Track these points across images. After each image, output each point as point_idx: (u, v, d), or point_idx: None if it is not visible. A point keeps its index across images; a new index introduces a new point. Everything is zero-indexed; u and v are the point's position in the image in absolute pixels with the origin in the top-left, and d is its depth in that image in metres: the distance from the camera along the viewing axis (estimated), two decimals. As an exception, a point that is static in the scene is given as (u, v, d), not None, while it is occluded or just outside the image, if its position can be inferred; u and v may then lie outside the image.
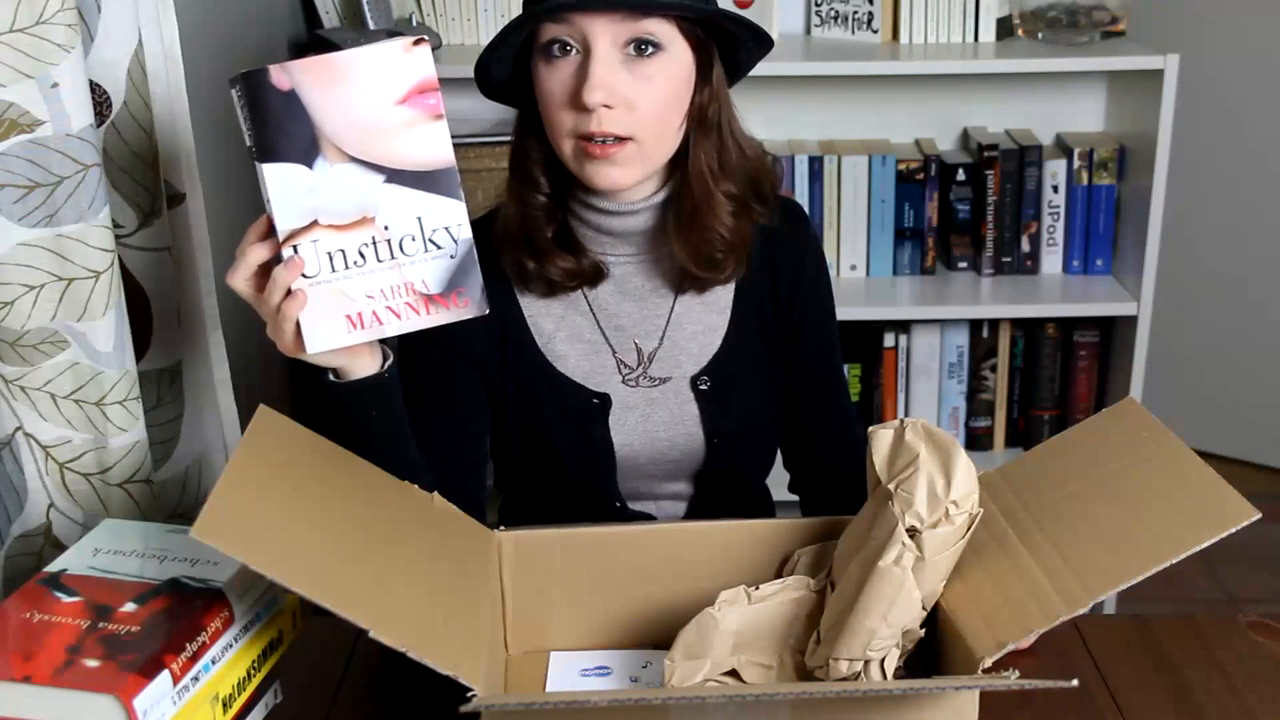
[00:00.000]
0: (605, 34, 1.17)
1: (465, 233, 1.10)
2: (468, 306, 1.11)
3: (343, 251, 1.08)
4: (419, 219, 1.09)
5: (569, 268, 1.30)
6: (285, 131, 1.05)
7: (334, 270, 1.08)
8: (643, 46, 1.18)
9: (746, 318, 1.37)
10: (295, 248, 1.07)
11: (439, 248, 1.10)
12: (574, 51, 1.19)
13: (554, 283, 1.31)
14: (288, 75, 1.05)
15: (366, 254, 1.09)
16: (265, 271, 1.08)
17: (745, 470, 1.43)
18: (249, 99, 1.05)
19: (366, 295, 1.09)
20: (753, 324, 1.37)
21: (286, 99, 1.05)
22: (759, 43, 1.26)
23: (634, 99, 1.19)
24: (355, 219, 1.08)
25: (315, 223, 1.07)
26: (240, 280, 1.09)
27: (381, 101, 1.07)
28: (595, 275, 1.32)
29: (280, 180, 1.06)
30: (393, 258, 1.09)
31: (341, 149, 1.07)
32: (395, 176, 1.08)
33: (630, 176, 1.23)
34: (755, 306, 1.37)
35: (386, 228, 1.08)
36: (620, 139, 1.20)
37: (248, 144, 1.06)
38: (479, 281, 1.11)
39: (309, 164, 1.06)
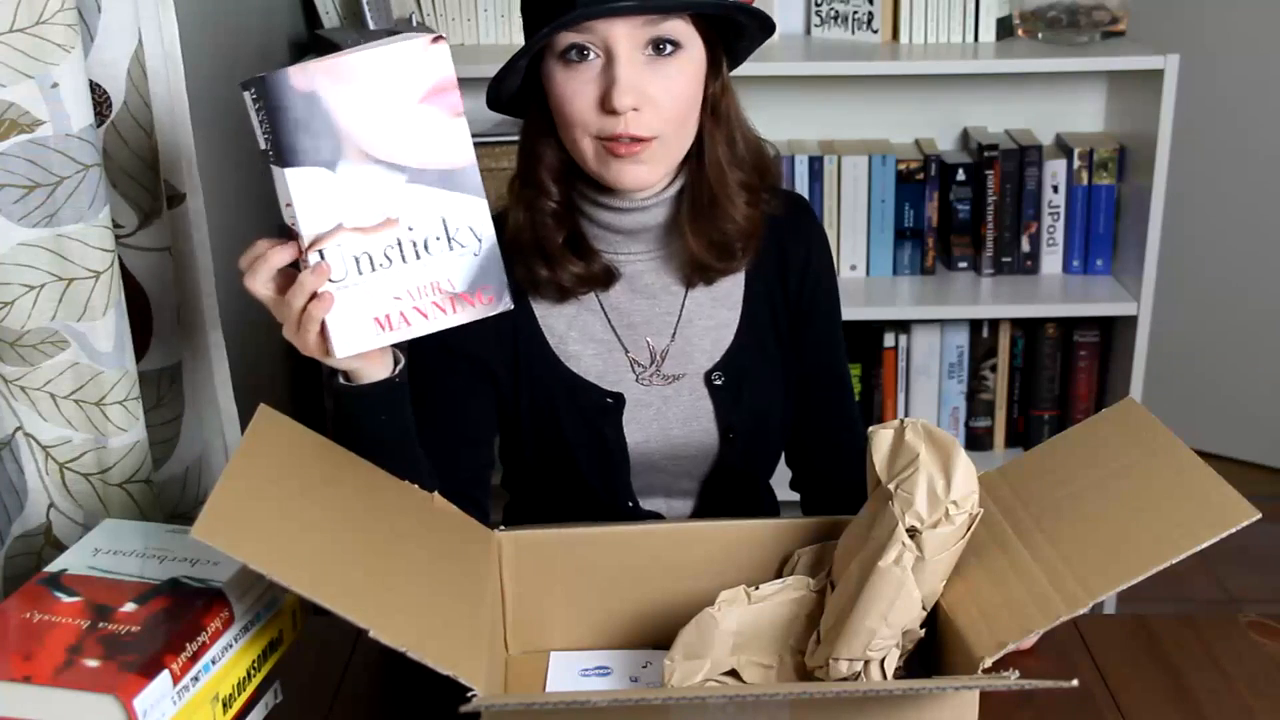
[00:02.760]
0: (626, 37, 1.18)
1: (488, 230, 1.10)
2: (493, 303, 1.11)
3: (368, 254, 1.08)
4: (443, 218, 1.09)
5: (580, 273, 1.30)
6: (307, 135, 1.04)
7: (360, 273, 1.08)
8: (662, 46, 1.19)
9: (757, 312, 1.37)
10: (321, 252, 1.06)
11: (463, 246, 1.09)
12: (593, 55, 1.19)
13: (565, 289, 1.31)
14: (307, 77, 1.03)
15: (392, 255, 1.08)
16: (284, 274, 1.08)
17: (756, 466, 1.43)
18: (266, 102, 1.03)
19: (394, 297, 1.09)
20: (764, 318, 1.37)
21: (307, 101, 1.03)
22: (763, 29, 1.26)
23: (659, 98, 1.20)
24: (379, 221, 1.07)
25: (340, 226, 1.06)
26: (260, 284, 1.08)
27: (402, 101, 1.06)
28: (607, 278, 1.32)
29: (304, 184, 1.05)
30: (418, 258, 1.09)
31: (364, 150, 1.06)
32: (417, 176, 1.07)
33: (654, 174, 1.25)
34: (765, 300, 1.37)
35: (411, 228, 1.08)
36: (645, 139, 1.20)
37: (263, 148, 1.05)
38: (503, 277, 1.11)
39: (332, 167, 1.05)
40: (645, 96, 1.19)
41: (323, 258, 1.06)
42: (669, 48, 1.20)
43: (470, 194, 1.09)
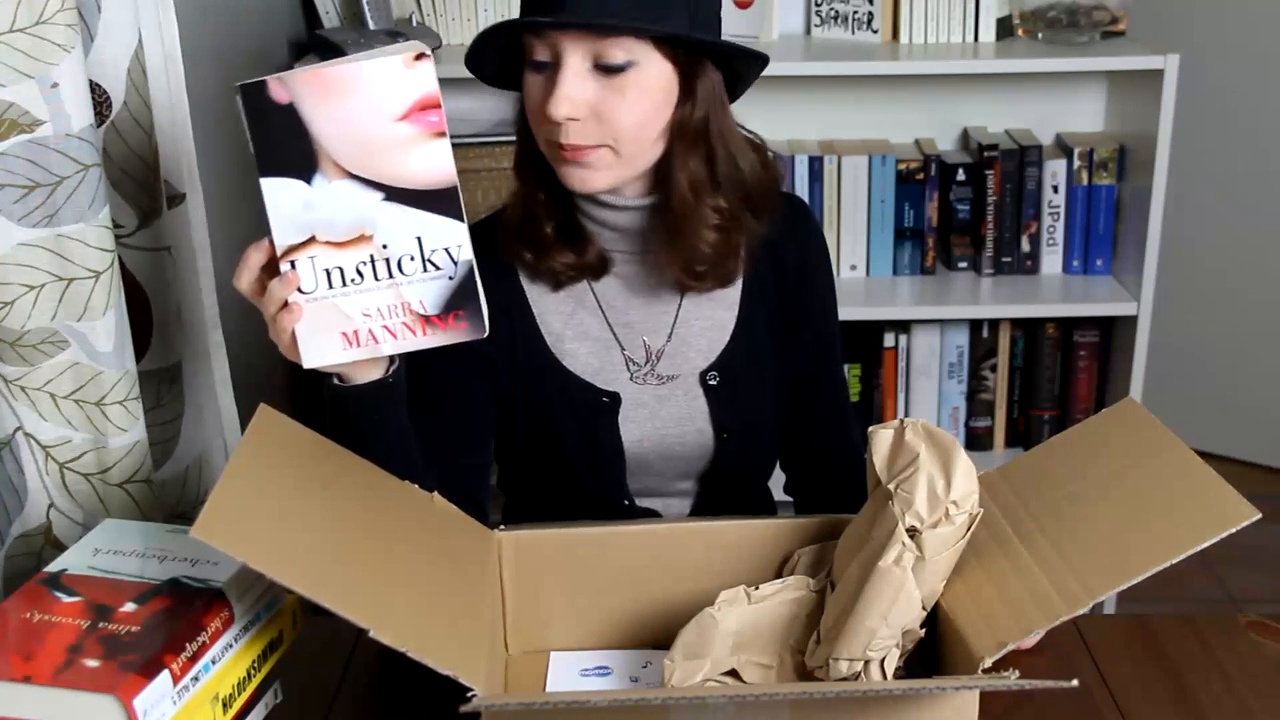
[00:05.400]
0: (575, 49, 1.18)
1: (466, 254, 1.08)
2: (465, 329, 1.10)
3: (340, 269, 1.07)
4: (418, 239, 1.07)
5: (570, 261, 1.31)
6: (283, 145, 1.04)
7: (331, 287, 1.08)
8: (612, 63, 1.18)
9: (754, 314, 1.37)
10: (293, 263, 1.07)
11: (438, 269, 1.08)
12: (548, 64, 1.20)
13: (559, 275, 1.32)
14: (286, 87, 1.03)
15: (364, 272, 1.08)
16: (270, 274, 1.08)
17: (752, 467, 1.43)
18: (249, 110, 1.03)
19: (363, 313, 1.09)
20: (760, 320, 1.37)
21: (285, 112, 1.03)
22: (743, 58, 1.25)
23: (603, 110, 1.19)
24: (353, 236, 1.07)
25: (313, 239, 1.06)
26: (245, 283, 1.09)
27: (382, 117, 1.04)
28: (600, 268, 1.33)
29: (278, 195, 1.05)
30: (390, 277, 1.08)
31: (340, 165, 1.05)
32: (394, 195, 1.06)
33: (603, 180, 1.24)
34: (762, 302, 1.37)
35: (385, 246, 1.07)
36: (584, 148, 1.21)
37: (252, 152, 1.05)
38: (479, 304, 1.10)
39: (307, 179, 1.05)
40: (586, 107, 1.19)
41: (294, 268, 1.07)
42: (618, 64, 1.18)
43: (449, 217, 1.07)
